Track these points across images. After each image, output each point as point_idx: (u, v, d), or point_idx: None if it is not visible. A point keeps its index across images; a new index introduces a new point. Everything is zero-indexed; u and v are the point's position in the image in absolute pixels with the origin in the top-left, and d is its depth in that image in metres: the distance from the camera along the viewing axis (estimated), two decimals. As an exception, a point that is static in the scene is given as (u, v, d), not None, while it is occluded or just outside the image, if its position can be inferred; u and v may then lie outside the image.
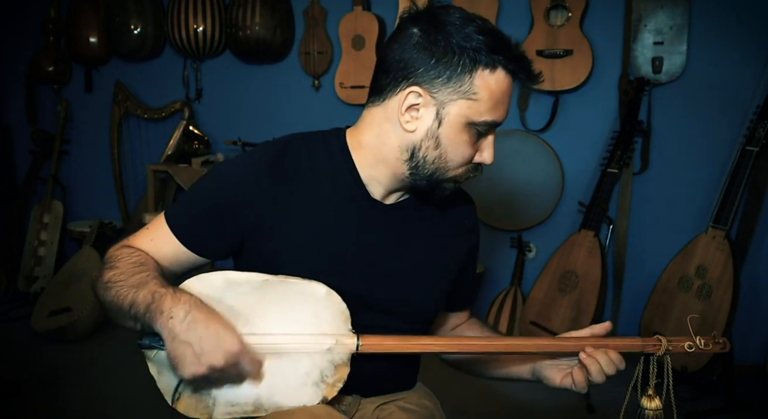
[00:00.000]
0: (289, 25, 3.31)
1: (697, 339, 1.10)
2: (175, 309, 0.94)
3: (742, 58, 2.68)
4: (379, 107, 1.07)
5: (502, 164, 3.05)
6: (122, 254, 1.06)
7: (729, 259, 2.48)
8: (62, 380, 2.65)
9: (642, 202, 2.89)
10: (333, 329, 1.03)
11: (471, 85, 1.00)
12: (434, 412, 1.23)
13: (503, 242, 3.13)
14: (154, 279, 1.00)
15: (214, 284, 1.02)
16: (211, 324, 0.94)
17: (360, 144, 1.10)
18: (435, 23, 1.01)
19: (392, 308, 1.13)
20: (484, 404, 2.53)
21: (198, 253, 1.10)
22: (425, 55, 1.00)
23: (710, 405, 2.47)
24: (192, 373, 0.93)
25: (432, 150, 1.04)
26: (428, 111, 1.02)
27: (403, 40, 1.03)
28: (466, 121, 1.02)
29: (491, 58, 0.99)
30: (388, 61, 1.04)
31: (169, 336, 0.94)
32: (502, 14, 2.96)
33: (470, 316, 1.37)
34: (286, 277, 1.03)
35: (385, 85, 1.05)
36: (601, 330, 1.11)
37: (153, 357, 1.01)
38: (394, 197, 1.14)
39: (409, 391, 1.24)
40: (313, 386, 1.02)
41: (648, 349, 1.09)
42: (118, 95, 3.58)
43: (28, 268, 3.57)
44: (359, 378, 1.07)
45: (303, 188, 1.08)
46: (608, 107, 2.91)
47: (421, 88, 1.01)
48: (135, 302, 0.97)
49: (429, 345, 1.08)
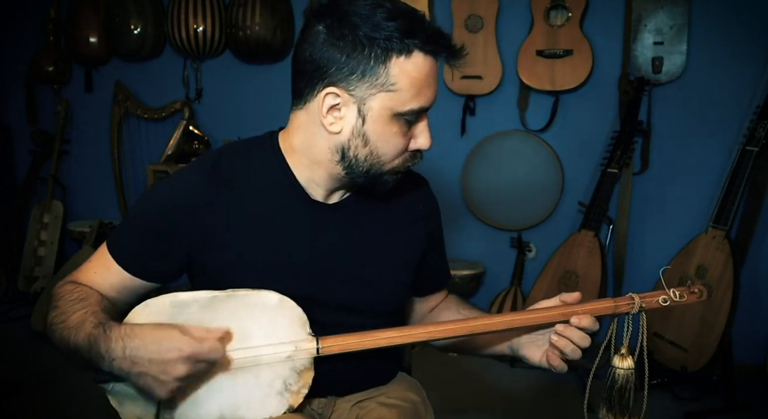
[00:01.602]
0: (289, 25, 3.31)
1: (671, 291, 1.06)
2: (111, 351, 0.91)
3: (742, 58, 2.68)
4: (302, 111, 1.03)
5: (502, 164, 3.05)
6: (64, 292, 1.03)
7: (729, 259, 2.48)
8: (62, 380, 2.65)
9: (642, 202, 2.89)
10: (291, 335, 1.00)
11: (387, 77, 0.95)
12: (418, 404, 1.19)
13: (503, 242, 3.13)
14: (90, 317, 0.96)
15: (161, 308, 0.98)
16: (150, 345, 0.90)
17: (292, 148, 1.07)
18: (339, 16, 0.96)
19: (351, 306, 1.11)
20: (481, 402, 2.53)
21: (144, 278, 1.08)
22: (334, 52, 0.96)
23: (710, 405, 2.47)
24: (166, 392, 0.91)
25: (362, 148, 1.00)
26: (349, 110, 0.98)
27: (311, 39, 0.98)
28: (390, 113, 0.97)
29: (404, 44, 0.94)
30: (300, 62, 1.00)
31: (122, 374, 0.92)
32: (502, 14, 2.96)
33: (446, 296, 1.32)
34: (235, 291, 1.00)
35: (302, 88, 1.01)
36: (570, 299, 1.07)
37: (111, 390, 0.98)
38: (336, 196, 1.11)
39: (390, 384, 1.21)
40: (278, 396, 1.00)
41: (621, 309, 1.05)
42: (118, 95, 3.57)
43: (28, 268, 3.57)
44: (331, 379, 1.06)
45: (242, 197, 1.06)
46: (608, 107, 2.91)
47: (337, 87, 0.97)
48: (77, 346, 0.94)
49: (392, 337, 1.03)
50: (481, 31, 2.94)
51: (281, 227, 1.07)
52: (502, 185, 3.05)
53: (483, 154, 3.06)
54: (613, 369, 1.07)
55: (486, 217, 3.10)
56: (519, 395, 2.57)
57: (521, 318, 1.07)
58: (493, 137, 3.05)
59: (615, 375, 1.07)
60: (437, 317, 1.28)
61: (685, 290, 1.07)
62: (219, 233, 1.04)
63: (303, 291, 1.03)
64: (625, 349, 1.06)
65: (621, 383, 1.06)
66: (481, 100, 3.06)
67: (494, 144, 3.05)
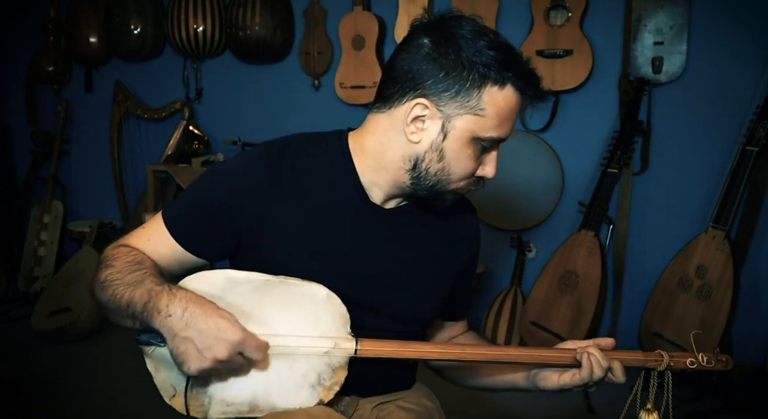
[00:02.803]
0: (289, 25, 3.31)
1: (699, 355, 1.10)
2: (172, 307, 0.93)
3: (742, 58, 2.68)
4: (384, 115, 1.06)
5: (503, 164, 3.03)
6: (119, 253, 1.05)
7: (729, 259, 2.48)
8: (62, 380, 2.65)
9: (642, 202, 2.89)
10: (332, 331, 1.02)
11: (479, 101, 0.99)
12: (433, 411, 1.23)
13: (503, 242, 3.13)
14: (150, 277, 0.99)
15: (214, 282, 1.01)
16: (209, 318, 0.93)
17: (362, 148, 1.09)
18: (446, 35, 1.00)
19: (387, 311, 1.13)
20: (484, 405, 2.53)
21: (195, 253, 1.10)
22: (435, 67, 0.99)
23: (710, 405, 2.47)
24: (198, 368, 0.93)
25: (435, 162, 1.03)
26: (434, 124, 1.02)
27: (412, 50, 1.01)
28: (471, 136, 1.01)
29: (501, 75, 0.98)
30: (397, 69, 1.03)
31: (169, 334, 0.94)
32: (502, 14, 2.96)
33: (467, 329, 1.36)
34: (287, 278, 1.02)
35: (392, 94, 1.04)
36: (604, 345, 1.09)
37: (151, 353, 1.00)
38: (393, 202, 1.14)
39: (408, 390, 1.24)
40: (310, 388, 1.02)
41: (649, 364, 1.09)
42: (118, 95, 3.58)
43: (28, 268, 3.57)
44: (357, 379, 1.07)
45: (301, 189, 1.08)
46: (608, 107, 2.91)
47: (428, 100, 1.00)
48: (132, 301, 0.96)
49: (428, 351, 1.08)
50: (481, 31, 2.94)
51: (334, 224, 1.09)
52: (503, 185, 3.05)
53: (483, 154, 3.06)
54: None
55: (486, 217, 3.10)
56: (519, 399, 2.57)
57: (553, 355, 1.10)
58: (493, 137, 3.05)
59: None
60: None
61: (713, 357, 1.12)
62: (272, 221, 1.06)
63: (344, 289, 1.05)
64: (651, 404, 1.10)
65: None
66: (481, 101, 3.06)
67: (494, 144, 3.05)
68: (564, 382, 1.09)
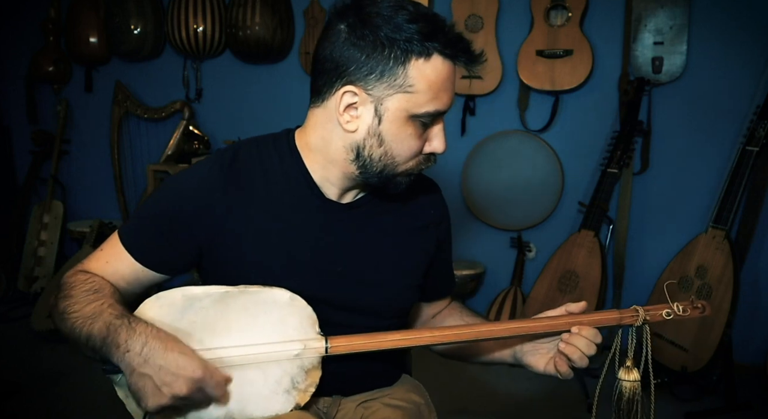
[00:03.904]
0: (289, 25, 3.31)
1: (674, 305, 1.08)
2: (131, 342, 0.91)
3: (742, 58, 2.68)
4: (320, 109, 1.04)
5: (502, 164, 3.05)
6: (76, 282, 1.02)
7: (729, 259, 2.48)
8: (62, 380, 2.65)
9: (642, 202, 2.89)
10: (300, 334, 1.01)
11: (406, 78, 0.96)
12: (421, 406, 1.20)
13: (503, 242, 3.13)
14: (108, 309, 0.96)
15: (174, 301, 0.99)
16: (169, 353, 0.91)
17: (308, 146, 1.08)
18: (361, 16, 0.96)
19: (359, 306, 1.11)
20: (483, 402, 2.53)
21: (155, 269, 1.08)
22: (355, 51, 0.96)
23: (710, 405, 2.47)
24: (156, 404, 0.91)
25: (376, 148, 1.01)
26: (366, 109, 0.99)
27: (332, 38, 0.99)
28: (406, 114, 0.98)
29: (424, 47, 0.95)
30: (320, 61, 1.01)
31: (127, 369, 0.92)
32: (502, 14, 2.96)
33: (450, 302, 1.33)
34: (247, 286, 1.01)
35: (321, 86, 1.02)
36: (576, 308, 1.08)
37: (119, 381, 0.98)
38: (350, 195, 1.12)
39: (395, 386, 1.22)
40: (285, 393, 1.00)
41: (625, 321, 1.07)
42: (118, 95, 3.58)
43: (28, 268, 3.57)
44: (338, 378, 1.06)
45: (257, 194, 1.07)
46: (608, 107, 2.91)
47: (355, 86, 0.98)
48: (91, 335, 0.94)
49: (400, 340, 1.05)
50: (481, 31, 2.94)
51: (294, 225, 1.08)
52: (502, 185, 3.05)
53: (483, 154, 3.06)
54: (619, 382, 1.08)
55: (486, 217, 3.10)
56: (519, 395, 2.57)
57: (526, 326, 1.07)
58: (493, 137, 3.05)
59: (622, 388, 1.08)
60: (441, 323, 1.30)
61: (688, 304, 1.09)
62: (231, 229, 1.05)
63: (312, 290, 1.04)
64: (630, 362, 1.08)
65: (628, 395, 1.07)
66: (481, 101, 3.06)
67: (494, 144, 3.05)
68: (550, 372, 1.09)
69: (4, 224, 3.73)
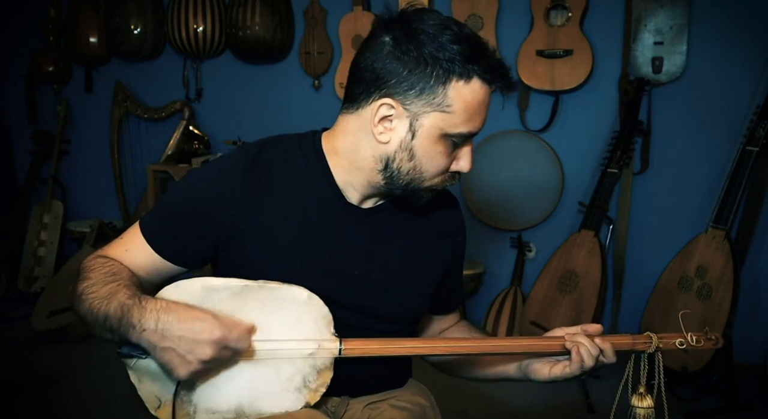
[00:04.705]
0: (289, 25, 3.31)
1: (688, 335, 1.08)
2: (144, 320, 0.92)
3: (742, 58, 2.68)
4: (353, 116, 1.05)
5: (502, 164, 3.05)
6: (95, 265, 1.04)
7: (729, 259, 2.48)
8: (62, 380, 2.65)
9: (642, 202, 2.89)
10: (315, 333, 1.02)
11: (445, 98, 0.97)
12: (427, 409, 1.21)
13: (503, 242, 3.13)
14: (123, 289, 0.97)
15: (192, 291, 1.00)
16: (183, 322, 0.92)
17: (335, 150, 1.08)
18: (407, 31, 0.97)
19: (373, 310, 1.12)
20: (483, 405, 2.53)
21: (173, 261, 1.09)
22: (397, 65, 0.97)
23: (710, 405, 2.47)
24: (186, 373, 0.92)
25: (406, 162, 1.02)
26: (401, 123, 1.00)
27: (375, 49, 1.00)
28: (440, 133, 0.99)
29: (465, 69, 0.96)
30: (361, 69, 1.02)
31: (149, 347, 0.93)
32: (502, 14, 2.96)
33: (459, 319, 1.35)
34: (266, 282, 1.01)
35: (358, 95, 1.03)
36: (591, 330, 1.08)
37: (133, 366, 0.99)
38: (371, 201, 1.13)
39: (401, 389, 1.23)
40: (296, 391, 1.01)
41: (638, 347, 1.07)
42: (118, 95, 3.58)
43: (28, 268, 3.58)
44: (347, 379, 1.07)
45: (278, 192, 1.07)
46: (608, 107, 2.91)
47: (393, 100, 0.99)
48: (107, 315, 0.95)
49: (413, 347, 1.07)
50: (481, 31, 2.94)
51: (313, 226, 1.08)
52: (502, 185, 3.05)
53: (483, 154, 3.06)
54: (632, 409, 1.09)
55: (486, 217, 3.10)
56: (519, 397, 2.57)
57: (541, 344, 1.08)
58: (493, 137, 3.05)
59: (635, 415, 1.09)
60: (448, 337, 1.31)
61: (702, 335, 1.10)
62: (250, 227, 1.06)
63: (326, 290, 1.04)
64: (643, 389, 1.08)
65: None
66: (481, 100, 3.06)
67: (494, 144, 3.06)
68: (555, 375, 1.08)
69: (4, 224, 3.73)
